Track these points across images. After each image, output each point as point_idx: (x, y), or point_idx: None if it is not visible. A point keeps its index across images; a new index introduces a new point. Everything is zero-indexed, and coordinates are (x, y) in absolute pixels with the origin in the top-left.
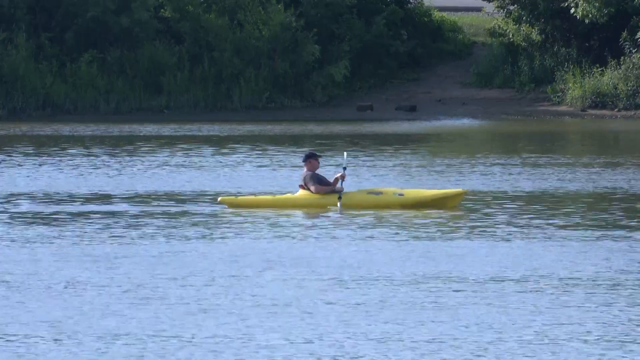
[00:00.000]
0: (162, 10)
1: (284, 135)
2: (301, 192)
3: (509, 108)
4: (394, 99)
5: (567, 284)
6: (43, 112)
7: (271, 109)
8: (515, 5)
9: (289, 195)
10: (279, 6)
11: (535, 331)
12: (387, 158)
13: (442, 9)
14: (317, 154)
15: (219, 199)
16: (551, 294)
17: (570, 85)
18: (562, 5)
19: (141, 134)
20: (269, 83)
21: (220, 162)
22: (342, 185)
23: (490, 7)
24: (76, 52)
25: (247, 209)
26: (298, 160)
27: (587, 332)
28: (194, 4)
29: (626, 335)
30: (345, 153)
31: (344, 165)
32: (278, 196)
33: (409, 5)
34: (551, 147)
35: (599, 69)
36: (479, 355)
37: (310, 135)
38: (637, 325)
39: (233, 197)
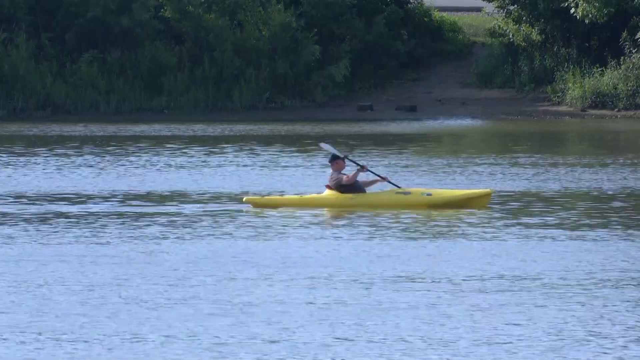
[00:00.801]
0: (162, 10)
1: (284, 135)
2: (327, 192)
3: (509, 108)
4: (394, 99)
5: (555, 285)
6: (43, 112)
7: (271, 109)
8: (515, 5)
9: (314, 195)
10: (279, 6)
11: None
12: (387, 158)
13: (442, 9)
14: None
15: (244, 198)
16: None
17: (570, 85)
18: (562, 5)
19: (141, 134)
20: (269, 83)
21: (220, 162)
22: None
23: (490, 7)
24: (76, 52)
25: (273, 209)
26: (295, 160)
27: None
28: (194, 4)
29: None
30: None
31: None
32: (304, 196)
33: (409, 5)
34: (551, 147)
35: (599, 69)
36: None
37: (311, 135)
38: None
39: (259, 197)
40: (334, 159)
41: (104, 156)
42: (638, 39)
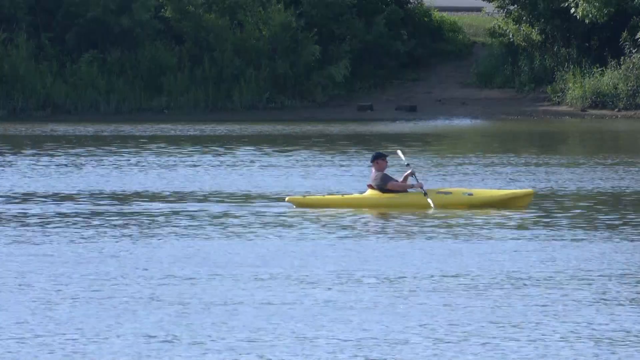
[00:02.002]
0: (162, 10)
1: (284, 135)
2: (370, 192)
3: (509, 108)
4: (394, 99)
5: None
6: (43, 112)
7: (271, 109)
8: (515, 5)
9: (356, 195)
10: (279, 6)
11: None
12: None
13: (442, 9)
14: (384, 153)
15: (287, 198)
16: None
17: (570, 85)
18: (562, 5)
19: (141, 134)
20: (269, 83)
21: (220, 162)
22: (415, 180)
23: (490, 7)
24: (76, 52)
25: (315, 208)
26: (291, 160)
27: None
28: (194, 4)
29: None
30: (399, 152)
31: (406, 163)
32: (347, 196)
33: (409, 5)
34: (551, 147)
35: (599, 69)
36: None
37: (311, 135)
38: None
39: (301, 197)
40: (375, 158)
41: (114, 156)
42: (638, 39)
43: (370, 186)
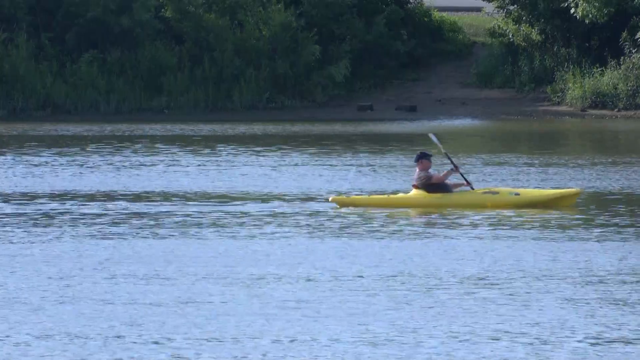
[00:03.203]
0: (162, 10)
1: (284, 135)
2: (414, 192)
3: (509, 108)
4: (394, 99)
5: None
6: (43, 112)
7: (271, 109)
8: (515, 5)
9: (401, 195)
10: (279, 6)
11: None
12: (387, 158)
13: (442, 9)
14: (429, 153)
15: (330, 198)
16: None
17: (570, 85)
18: (562, 5)
19: (141, 134)
20: (269, 83)
21: (219, 162)
22: (464, 179)
23: (490, 7)
24: (76, 52)
25: (359, 208)
26: (302, 160)
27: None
28: (194, 4)
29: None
30: (432, 136)
31: (444, 152)
32: (392, 196)
33: (409, 5)
34: (551, 147)
35: (599, 69)
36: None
37: (311, 135)
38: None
39: (345, 197)
40: (420, 158)
41: (114, 156)
42: (638, 39)
43: (415, 186)
